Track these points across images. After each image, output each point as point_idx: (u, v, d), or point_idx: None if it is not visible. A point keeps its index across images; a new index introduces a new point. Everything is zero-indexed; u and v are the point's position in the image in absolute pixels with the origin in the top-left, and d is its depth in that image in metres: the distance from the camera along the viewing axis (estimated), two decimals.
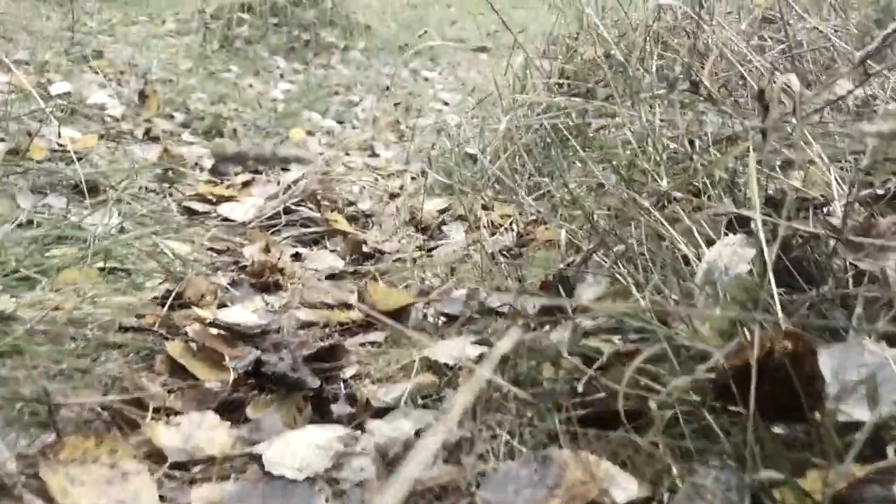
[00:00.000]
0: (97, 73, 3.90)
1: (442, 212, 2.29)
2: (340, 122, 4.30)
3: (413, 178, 2.96)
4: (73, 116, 2.97)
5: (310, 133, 3.76)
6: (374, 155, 3.62)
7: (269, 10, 6.59)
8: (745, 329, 0.74)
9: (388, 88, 5.18)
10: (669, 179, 1.08)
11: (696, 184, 1.13)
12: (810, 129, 0.99)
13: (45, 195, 1.82)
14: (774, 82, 0.82)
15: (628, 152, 1.24)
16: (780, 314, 0.73)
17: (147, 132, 3.03)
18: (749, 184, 0.86)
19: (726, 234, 0.97)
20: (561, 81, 2.15)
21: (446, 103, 4.95)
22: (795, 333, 0.65)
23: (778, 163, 1.11)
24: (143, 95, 3.49)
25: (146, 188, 2.12)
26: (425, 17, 8.33)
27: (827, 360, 0.66)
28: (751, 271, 0.87)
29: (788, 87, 0.94)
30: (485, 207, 1.97)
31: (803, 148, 1.01)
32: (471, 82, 5.19)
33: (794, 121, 0.88)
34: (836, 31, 1.39)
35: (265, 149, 0.53)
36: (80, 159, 1.98)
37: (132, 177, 1.95)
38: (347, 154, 3.56)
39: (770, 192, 1.04)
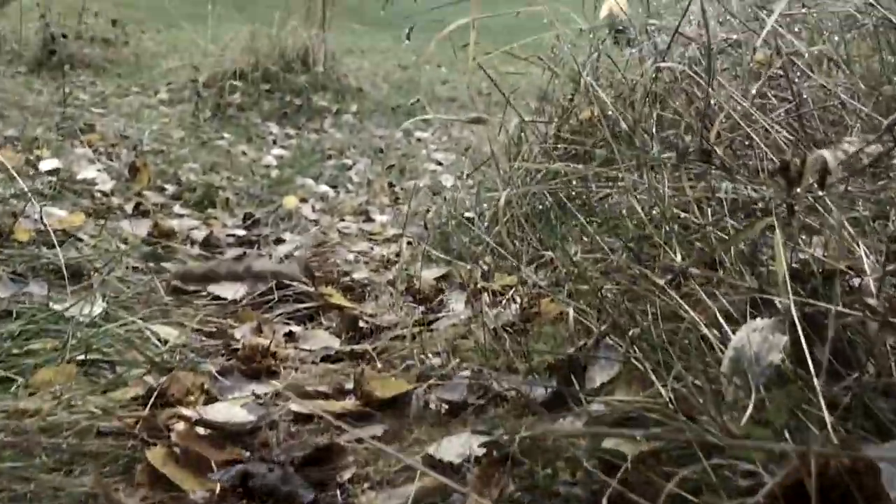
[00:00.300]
0: (88, 146, 3.86)
1: (440, 279, 2.22)
2: (334, 187, 4.27)
3: (409, 243, 2.90)
4: (61, 193, 2.92)
5: (303, 200, 3.71)
6: (369, 220, 3.57)
7: (261, 77, 6.63)
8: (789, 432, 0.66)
9: (381, 151, 5.17)
10: (683, 253, 1.01)
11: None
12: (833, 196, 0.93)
13: (27, 282, 1.75)
14: (797, 155, 0.76)
15: (635, 223, 1.18)
16: (828, 420, 0.65)
17: (137, 206, 2.98)
18: (776, 263, 0.79)
19: (752, 315, 0.90)
20: (557, 144, 2.10)
21: (440, 163, 4.93)
22: (852, 445, 0.57)
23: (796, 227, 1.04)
24: (133, 168, 3.45)
25: (133, 268, 2.05)
26: (416, 78, 8.40)
27: (889, 475, 0.58)
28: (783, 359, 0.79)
29: (810, 157, 0.88)
30: (484, 277, 1.89)
31: (827, 216, 0.94)
32: (464, 142, 5.18)
33: (820, 193, 0.82)
34: (842, 86, 1.34)
35: (238, 266, 0.46)
36: (63, 243, 1.91)
37: (118, 259, 1.88)
38: (342, 220, 3.50)
39: (794, 263, 0.97)
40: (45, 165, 3.17)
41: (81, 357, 1.35)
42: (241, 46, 6.90)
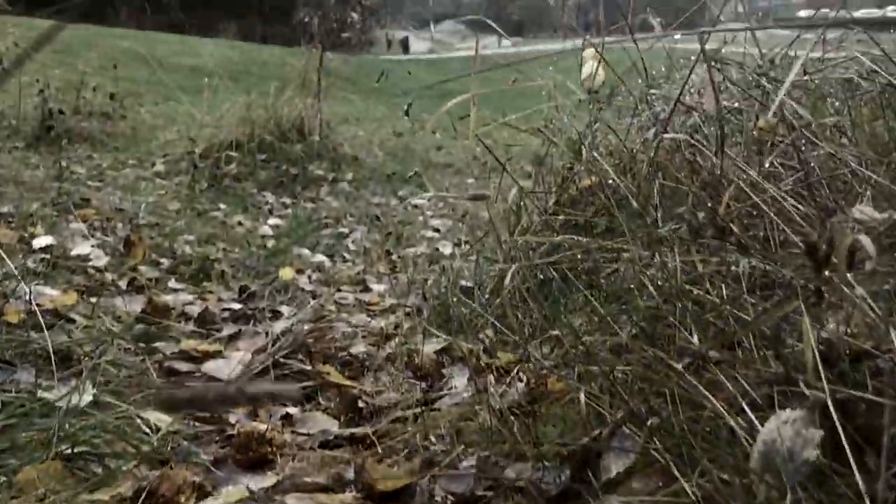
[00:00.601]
0: (83, 221, 3.84)
1: (441, 353, 2.16)
2: (331, 256, 4.23)
3: (408, 314, 2.85)
4: (55, 271, 2.87)
5: (300, 271, 3.67)
6: (367, 289, 3.51)
7: (258, 147, 6.67)
8: None
9: (377, 218, 5.15)
10: (699, 334, 0.96)
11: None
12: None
13: (15, 368, 1.68)
14: (813, 227, 0.72)
15: (645, 299, 1.13)
16: None
17: (131, 282, 2.93)
18: (804, 346, 0.74)
19: (777, 400, 0.84)
20: (558, 213, 2.07)
21: (437, 230, 4.91)
22: None
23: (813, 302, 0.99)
24: (128, 243, 3.41)
25: (125, 349, 1.99)
26: (412, 144, 8.46)
27: None
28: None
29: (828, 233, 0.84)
30: (487, 352, 1.84)
31: (848, 292, 0.90)
32: (461, 207, 5.18)
33: (847, 274, 0.77)
34: (850, 154, 1.31)
35: (229, 388, 0.41)
36: (53, 325, 1.86)
37: (109, 342, 1.83)
38: (339, 290, 3.45)
39: (819, 343, 0.92)
40: (38, 242, 3.13)
41: (69, 450, 1.29)
42: (238, 117, 6.97)
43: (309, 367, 1.97)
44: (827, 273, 0.73)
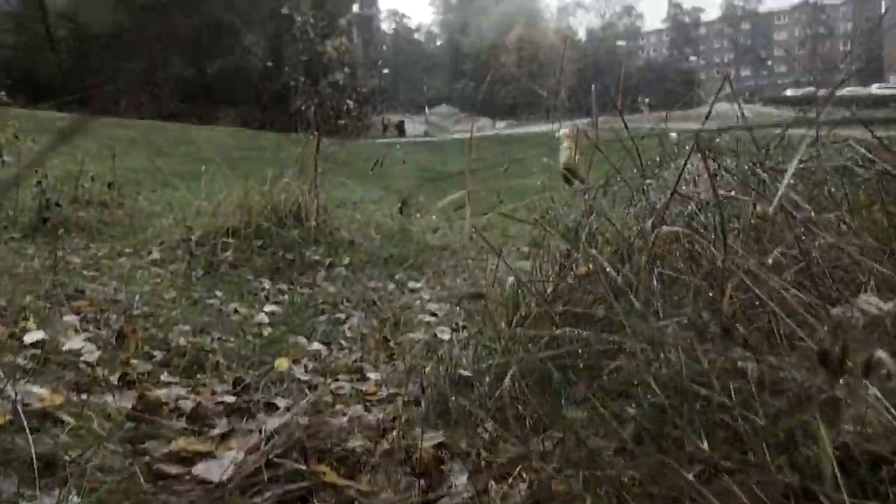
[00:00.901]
0: (77, 314, 3.80)
1: (439, 447, 2.10)
2: (327, 344, 4.17)
3: (405, 403, 2.79)
4: (45, 367, 2.82)
5: (296, 360, 3.61)
6: (364, 378, 3.45)
7: (254, 233, 6.68)
8: None
9: (374, 303, 5.11)
10: (709, 439, 0.92)
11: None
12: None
13: None
14: (834, 339, 0.69)
15: (650, 398, 1.09)
16: None
17: (123, 377, 2.87)
18: (821, 452, 0.70)
19: None
20: (556, 298, 2.04)
21: (435, 314, 4.87)
22: None
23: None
24: (121, 335, 3.36)
25: (114, 451, 1.92)
26: (407, 227, 8.50)
27: None
28: None
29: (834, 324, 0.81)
30: (487, 448, 1.78)
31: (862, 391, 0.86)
32: (458, 290, 5.15)
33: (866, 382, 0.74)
34: (852, 244, 1.30)
35: None
36: (39, 429, 1.80)
37: (96, 447, 1.77)
38: (336, 379, 3.39)
39: (835, 447, 0.88)
40: (29, 337, 3.08)
41: None
42: (235, 203, 7.01)
43: (304, 467, 1.90)
44: (841, 381, 0.70)
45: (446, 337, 3.90)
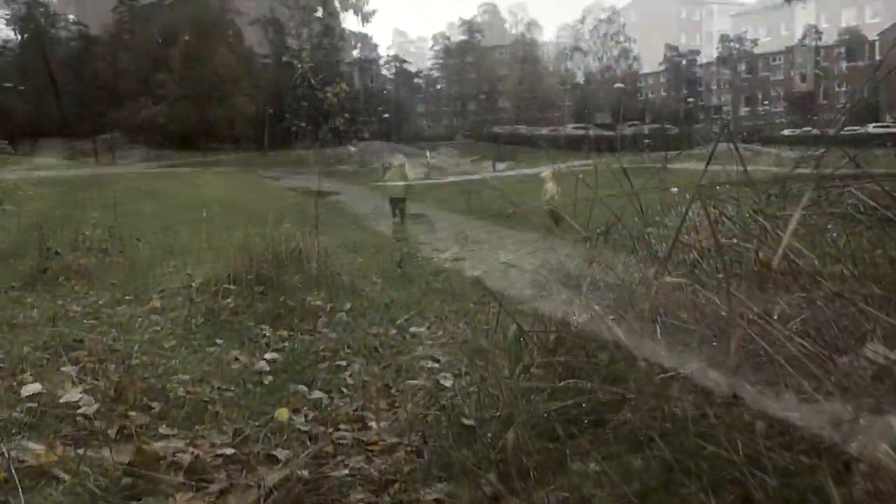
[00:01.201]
0: (75, 364, 3.76)
1: (442, 501, 2.06)
2: (328, 392, 4.12)
3: (408, 451, 2.74)
4: (42, 420, 2.78)
5: (296, 410, 3.56)
6: (365, 427, 3.40)
7: (255, 279, 6.66)
8: None
9: (376, 349, 5.07)
10: (718, 499, 0.89)
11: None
12: None
13: None
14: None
15: (658, 454, 1.06)
16: None
17: (121, 430, 2.83)
18: None
19: None
20: (558, 349, 2.02)
21: (437, 360, 4.82)
22: None
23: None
24: (119, 387, 3.33)
25: None
26: (409, 271, 8.49)
27: None
28: None
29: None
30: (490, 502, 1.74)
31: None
32: (460, 335, 5.10)
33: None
34: (856, 291, 1.28)
35: None
36: (34, 487, 1.76)
37: None
38: (337, 429, 3.34)
39: None
40: (27, 390, 3.05)
41: None
42: (236, 249, 7.00)
43: None
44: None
45: (449, 383, 3.85)
